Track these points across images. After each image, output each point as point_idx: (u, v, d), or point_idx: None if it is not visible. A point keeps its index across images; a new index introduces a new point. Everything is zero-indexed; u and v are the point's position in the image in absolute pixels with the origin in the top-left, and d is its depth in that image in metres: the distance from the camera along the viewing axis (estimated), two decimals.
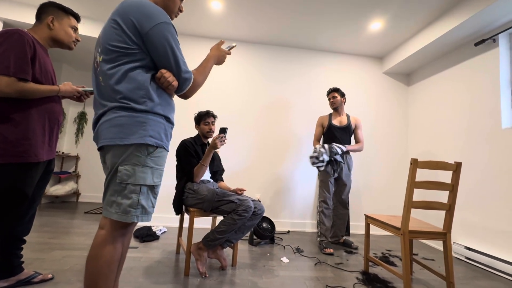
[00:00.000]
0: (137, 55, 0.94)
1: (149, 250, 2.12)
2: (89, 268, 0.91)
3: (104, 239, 0.92)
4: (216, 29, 3.05)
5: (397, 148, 3.38)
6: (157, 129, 0.97)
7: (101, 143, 0.95)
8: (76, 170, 4.11)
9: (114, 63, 0.93)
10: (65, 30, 1.38)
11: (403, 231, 1.56)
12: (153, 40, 0.93)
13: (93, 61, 1.04)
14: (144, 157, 0.94)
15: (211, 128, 2.04)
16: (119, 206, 0.92)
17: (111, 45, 0.93)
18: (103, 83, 0.96)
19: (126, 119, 0.92)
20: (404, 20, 2.63)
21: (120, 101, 0.92)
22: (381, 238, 2.99)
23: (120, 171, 0.91)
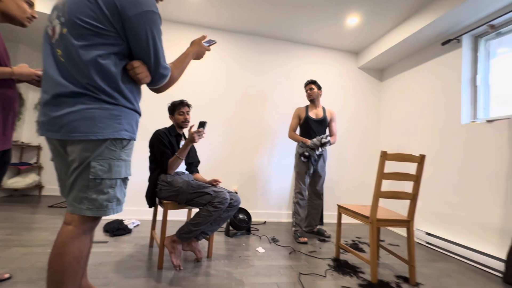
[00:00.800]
0: (112, 39, 0.85)
1: (120, 244, 2.04)
2: (55, 266, 0.86)
3: (72, 235, 0.88)
4: (194, 15, 2.92)
5: (369, 141, 3.53)
6: (131, 122, 0.94)
7: (69, 136, 0.85)
8: (38, 161, 3.80)
9: (84, 42, 0.82)
10: (18, 3, 1.22)
11: (371, 219, 1.64)
12: (135, 28, 0.85)
13: (48, 29, 0.90)
14: (119, 151, 0.91)
15: (186, 117, 1.97)
16: (93, 202, 0.88)
17: (81, 20, 0.82)
18: (63, 59, 0.85)
19: (99, 112, 0.85)
20: (379, 17, 2.70)
21: (88, 89, 0.84)
22: (353, 227, 3.14)
23: (94, 167, 0.86)
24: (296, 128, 2.68)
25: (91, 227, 0.93)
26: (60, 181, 1.00)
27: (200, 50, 1.16)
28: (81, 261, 0.90)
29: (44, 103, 0.88)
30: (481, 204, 2.12)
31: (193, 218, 1.68)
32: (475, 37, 2.43)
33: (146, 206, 2.75)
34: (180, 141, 2.02)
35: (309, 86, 2.63)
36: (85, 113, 0.84)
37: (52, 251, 0.87)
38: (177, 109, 1.97)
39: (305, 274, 1.73)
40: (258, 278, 1.63)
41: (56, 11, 0.88)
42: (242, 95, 3.22)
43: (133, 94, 0.94)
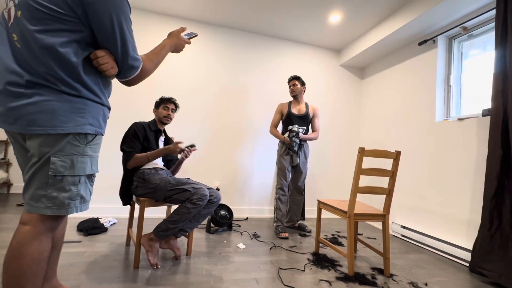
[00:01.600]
0: (73, 25, 0.78)
1: (95, 243, 1.96)
2: (12, 269, 0.80)
3: (30, 235, 0.82)
4: (172, 5, 2.82)
5: (350, 137, 3.61)
6: (96, 116, 0.88)
7: (26, 129, 0.78)
8: (6, 156, 3.56)
9: (40, 27, 0.75)
10: None
11: (349, 214, 1.68)
12: (98, 14, 0.78)
13: (5, 11, 0.82)
14: (83, 146, 0.86)
15: (169, 114, 1.94)
16: (53, 200, 0.82)
17: (36, 3, 0.75)
18: (19, 44, 0.78)
19: (59, 105, 0.79)
20: (360, 15, 2.74)
21: (46, 79, 0.78)
22: (333, 221, 3.22)
23: (54, 163, 0.81)
24: (277, 123, 2.68)
25: (51, 227, 0.87)
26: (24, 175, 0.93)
27: (178, 43, 1.10)
28: (42, 263, 0.84)
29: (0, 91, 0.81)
30: (451, 198, 2.23)
31: (171, 215, 1.64)
32: (449, 38, 2.53)
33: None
34: (160, 137, 1.96)
35: (292, 81, 2.63)
36: (44, 105, 0.78)
37: (7, 253, 0.81)
38: (164, 103, 1.94)
39: (285, 269, 1.74)
40: (238, 274, 1.63)
41: None
42: (223, 90, 3.17)
43: (99, 87, 0.89)
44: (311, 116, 2.67)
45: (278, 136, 2.59)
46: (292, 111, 2.60)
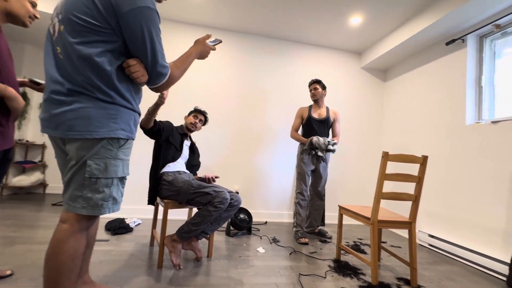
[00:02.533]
0: (108, 36, 0.84)
1: (121, 243, 2.06)
2: (51, 264, 0.86)
3: (67, 233, 0.88)
4: (196, 15, 2.93)
5: (372, 141, 3.50)
6: (128, 121, 0.93)
7: (66, 134, 0.85)
8: (43, 159, 3.85)
9: (79, 39, 0.82)
10: (22, 3, 1.21)
11: (373, 221, 1.63)
12: (130, 24, 0.83)
13: (51, 27, 0.90)
14: (116, 150, 0.91)
15: (196, 122, 2.05)
16: (88, 200, 0.88)
17: (76, 17, 0.81)
18: (62, 56, 0.85)
19: (95, 111, 0.85)
20: (383, 16, 2.68)
21: (83, 87, 0.84)
22: (354, 228, 3.12)
23: (89, 166, 0.86)
24: (298, 127, 2.66)
25: (86, 226, 0.93)
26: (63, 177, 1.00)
27: (204, 50, 1.14)
28: (76, 259, 0.90)
29: (45, 99, 0.89)
30: (485, 205, 2.09)
31: (193, 217, 1.68)
32: (480, 37, 2.39)
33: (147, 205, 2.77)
34: (184, 141, 2.05)
35: (313, 85, 2.61)
36: (81, 112, 0.84)
37: (48, 250, 0.88)
38: (195, 112, 2.10)
39: (305, 275, 1.72)
40: (258, 279, 1.63)
41: (56, 10, 0.89)
42: (244, 95, 3.22)
43: (131, 93, 0.94)
44: (332, 121, 2.63)
45: (300, 140, 2.56)
46: (312, 115, 2.58)
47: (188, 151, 2.09)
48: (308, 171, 2.52)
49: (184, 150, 2.02)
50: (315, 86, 2.59)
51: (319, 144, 2.40)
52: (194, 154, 2.14)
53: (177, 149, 1.94)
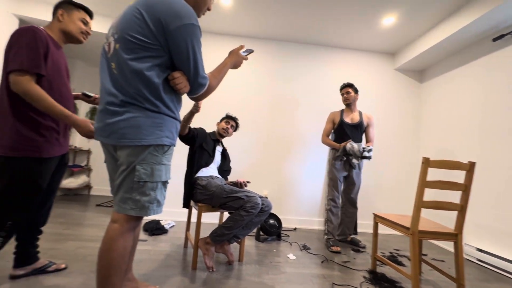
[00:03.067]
0: (156, 52, 0.92)
1: (158, 243, 2.17)
2: (103, 260, 0.94)
3: (117, 232, 0.95)
4: (224, 25, 3.04)
5: (408, 146, 3.31)
6: (171, 129, 1.00)
7: (118, 142, 0.94)
8: (88, 163, 4.22)
9: (132, 55, 0.90)
10: (74, 22, 1.37)
11: (413, 231, 1.53)
12: (177, 40, 0.91)
13: (106, 45, 1.00)
14: (160, 156, 0.98)
15: (227, 127, 2.13)
16: (136, 203, 0.95)
17: (130, 36, 0.90)
18: (116, 71, 0.94)
19: (143, 120, 0.92)
20: (418, 15, 2.55)
21: (134, 98, 0.92)
22: (390, 238, 2.95)
23: (138, 170, 0.93)
24: (329, 133, 2.61)
25: (134, 226, 1.01)
26: (111, 181, 1.10)
27: (237, 60, 1.20)
28: (125, 257, 0.97)
29: (100, 110, 0.98)
30: None
31: (225, 221, 1.73)
32: None
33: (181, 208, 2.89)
34: (216, 146, 2.12)
35: (345, 89, 2.54)
36: (132, 121, 0.92)
37: (100, 247, 0.96)
38: (227, 118, 2.18)
39: (339, 285, 1.66)
40: (290, 286, 1.61)
41: (112, 29, 0.99)
42: (273, 100, 3.24)
43: (174, 103, 1.01)
44: (366, 125, 2.54)
45: (332, 145, 2.50)
46: (344, 120, 2.51)
47: (220, 156, 2.16)
48: (341, 177, 2.45)
49: (216, 155, 2.09)
50: (347, 90, 2.52)
51: (353, 151, 2.32)
52: (225, 159, 2.20)
53: (210, 155, 2.02)
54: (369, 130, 2.54)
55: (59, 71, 1.33)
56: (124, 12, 0.96)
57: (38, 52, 1.18)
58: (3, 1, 2.64)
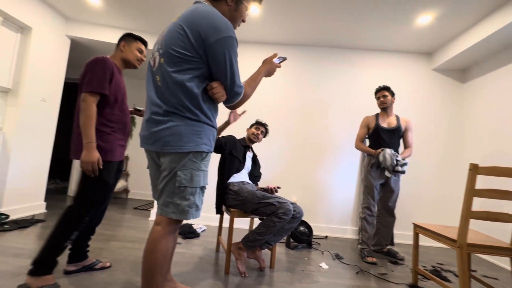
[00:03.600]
0: (196, 64, 0.98)
1: (191, 246, 2.24)
2: (147, 260, 1.00)
3: (160, 234, 1.01)
4: (254, 34, 3.10)
5: (450, 151, 3.07)
6: (209, 136, 1.05)
7: (161, 149, 1.00)
8: (126, 169, 4.51)
9: (175, 68, 0.97)
10: (132, 51, 1.61)
11: (460, 243, 1.41)
12: (215, 52, 0.96)
13: (151, 60, 1.08)
14: (199, 162, 1.02)
15: (258, 133, 2.16)
16: (177, 207, 1.00)
17: (174, 51, 0.97)
18: (160, 83, 1.01)
19: (184, 128, 0.98)
20: (458, 11, 2.39)
21: (176, 108, 0.98)
22: (430, 250, 2.74)
23: (179, 176, 0.99)
24: (363, 138, 2.51)
25: (175, 229, 1.06)
26: (153, 186, 1.17)
27: (271, 68, 1.23)
28: (167, 257, 1.03)
29: (146, 120, 1.06)
30: None
31: (257, 227, 1.74)
32: None
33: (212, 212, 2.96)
34: (247, 152, 2.15)
35: (381, 92, 2.44)
36: (174, 129, 0.98)
37: (145, 247, 1.02)
38: (256, 124, 2.20)
39: None
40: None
41: (157, 45, 1.07)
42: (303, 106, 3.22)
43: (211, 112, 1.06)
44: (403, 130, 2.41)
45: (367, 151, 2.41)
46: (381, 125, 2.40)
47: (250, 162, 2.19)
48: (377, 184, 2.34)
49: (247, 161, 2.12)
50: (383, 93, 2.42)
51: (386, 163, 2.22)
52: (256, 165, 2.22)
53: (240, 161, 2.05)
54: (407, 135, 2.41)
55: (120, 91, 1.53)
56: (168, 29, 1.03)
57: (105, 76, 1.41)
58: (59, 25, 2.98)
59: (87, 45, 3.34)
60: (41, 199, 2.97)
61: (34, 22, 2.66)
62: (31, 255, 1.75)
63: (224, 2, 1.07)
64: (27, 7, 2.58)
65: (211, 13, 0.98)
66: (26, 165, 2.73)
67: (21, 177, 2.67)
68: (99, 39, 3.13)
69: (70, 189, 4.24)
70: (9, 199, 2.55)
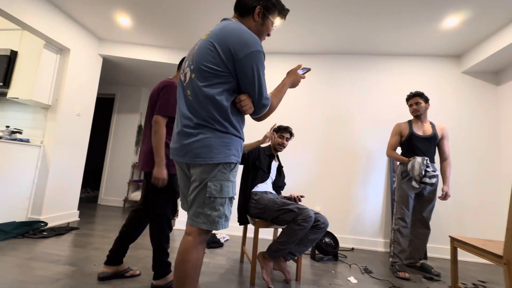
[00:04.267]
0: (225, 78, 1.01)
1: (216, 256, 2.25)
2: (179, 271, 1.01)
3: (191, 244, 1.02)
4: (274, 44, 3.15)
5: (487, 158, 2.86)
6: (237, 148, 1.07)
7: (192, 160, 1.03)
8: None
9: (206, 82, 1.01)
10: None
11: (507, 259, 1.29)
12: (244, 66, 0.99)
13: (182, 75, 1.14)
14: (228, 173, 1.04)
15: (283, 142, 2.09)
16: (208, 217, 1.01)
17: (204, 66, 1.01)
18: (191, 97, 1.06)
19: (214, 140, 1.01)
20: (486, 14, 2.27)
21: (206, 121, 1.01)
22: (469, 266, 2.53)
23: (209, 187, 1.01)
24: (396, 146, 2.37)
25: (205, 239, 1.07)
26: (183, 197, 1.19)
27: (296, 79, 1.23)
28: (198, 268, 1.03)
29: (177, 132, 1.10)
30: None
31: (279, 236, 1.71)
32: None
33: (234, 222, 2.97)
34: (272, 161, 2.12)
35: (414, 99, 2.31)
36: (205, 141, 1.01)
37: (177, 257, 1.04)
38: (281, 132, 2.11)
39: None
40: None
41: (188, 61, 1.12)
42: (328, 114, 3.18)
43: (239, 124, 1.08)
44: (439, 138, 2.28)
45: (400, 159, 2.29)
46: (416, 132, 2.27)
47: (275, 172, 2.17)
48: (412, 193, 2.21)
49: (272, 171, 2.11)
50: (416, 100, 2.29)
51: (413, 173, 2.11)
52: (280, 175, 2.20)
53: (264, 172, 2.04)
54: (443, 143, 2.28)
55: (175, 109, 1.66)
56: (198, 46, 1.08)
57: (175, 101, 1.54)
58: (93, 45, 3.22)
59: (117, 62, 3.57)
60: (75, 208, 3.15)
61: (72, 44, 2.91)
62: (67, 262, 1.85)
63: (251, 18, 1.11)
64: (66, 30, 2.83)
65: (239, 29, 1.02)
66: (63, 175, 2.92)
67: (58, 187, 2.86)
68: (128, 56, 3.34)
69: (100, 197, 4.46)
70: (47, 208, 2.74)
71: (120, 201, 4.40)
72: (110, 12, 2.71)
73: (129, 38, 3.23)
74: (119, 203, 4.41)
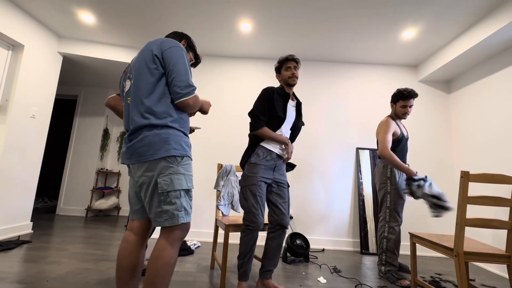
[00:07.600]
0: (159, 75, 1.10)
1: (185, 264, 2.16)
2: (151, 268, 1.00)
3: (163, 243, 1.02)
4: (243, 48, 3.16)
5: (440, 161, 3.12)
6: (179, 141, 1.09)
7: (137, 161, 1.07)
8: (118, 185, 4.41)
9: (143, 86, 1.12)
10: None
11: (457, 252, 1.40)
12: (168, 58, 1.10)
13: (124, 83, 1.23)
14: (176, 166, 1.06)
15: (293, 73, 1.73)
16: (167, 213, 1.02)
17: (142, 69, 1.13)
18: (130, 102, 1.17)
19: (152, 138, 1.05)
20: (439, 26, 2.51)
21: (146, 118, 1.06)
22: (427, 260, 2.71)
23: (160, 183, 1.03)
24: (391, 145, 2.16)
25: (176, 238, 1.04)
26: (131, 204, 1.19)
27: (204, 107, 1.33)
28: (170, 267, 1.01)
29: (125, 138, 1.14)
30: None
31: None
32: None
33: (205, 228, 2.90)
34: (288, 101, 1.76)
35: (412, 101, 2.18)
36: (145, 140, 1.05)
37: (151, 255, 1.03)
38: (284, 64, 1.77)
39: None
40: None
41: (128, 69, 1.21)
42: None
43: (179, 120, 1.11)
44: None
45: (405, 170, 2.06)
46: (404, 134, 2.21)
47: (294, 113, 1.81)
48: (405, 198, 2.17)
49: (289, 113, 1.76)
50: (412, 103, 2.20)
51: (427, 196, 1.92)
52: (299, 116, 1.84)
53: (280, 117, 1.69)
54: None
55: None
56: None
57: None
58: (51, 42, 2.99)
59: (79, 61, 3.35)
60: (28, 219, 2.85)
61: (26, 39, 2.67)
62: (14, 279, 1.65)
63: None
64: (19, 25, 2.59)
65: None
66: (13, 183, 2.64)
67: (6, 196, 2.58)
68: (92, 55, 3.15)
69: (59, 207, 4.09)
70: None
71: (82, 211, 4.08)
72: (70, 8, 2.54)
73: (94, 36, 3.05)
74: (81, 212, 4.09)
